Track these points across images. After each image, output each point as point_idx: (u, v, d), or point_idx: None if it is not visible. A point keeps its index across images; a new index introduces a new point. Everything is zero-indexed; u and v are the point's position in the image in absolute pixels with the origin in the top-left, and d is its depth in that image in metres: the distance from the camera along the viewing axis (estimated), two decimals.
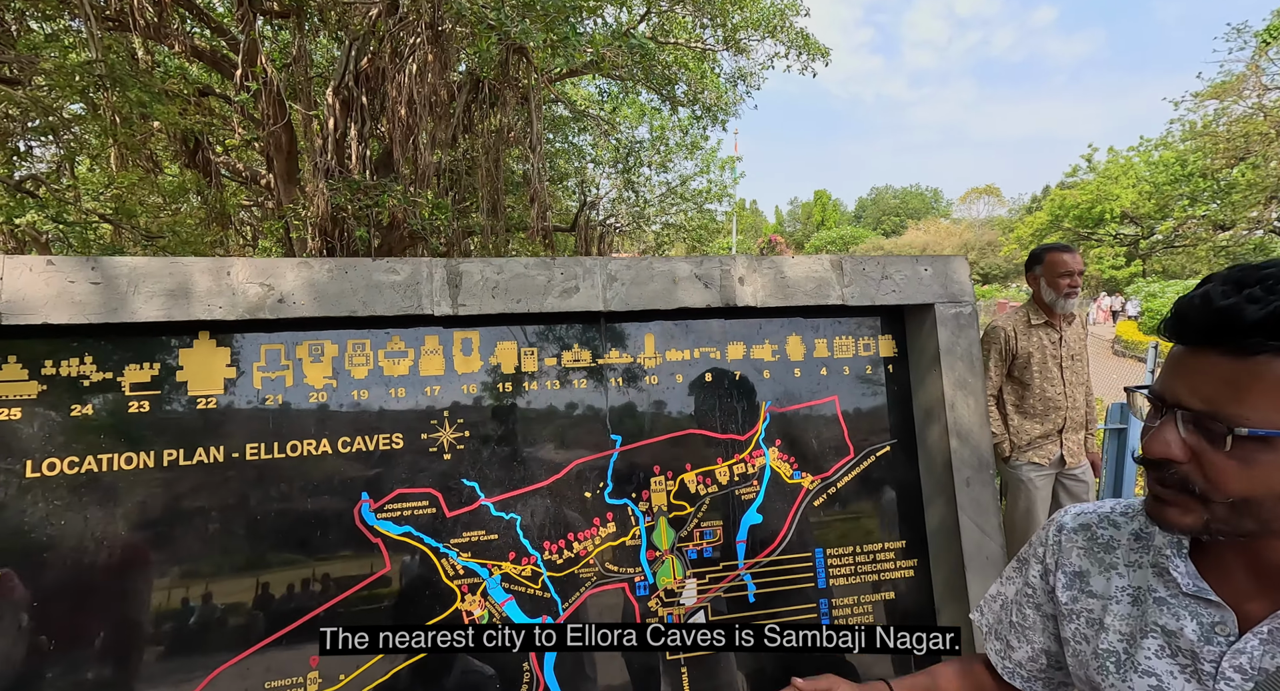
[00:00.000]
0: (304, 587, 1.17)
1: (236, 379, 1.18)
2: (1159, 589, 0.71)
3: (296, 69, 6.88)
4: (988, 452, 1.42)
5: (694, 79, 10.19)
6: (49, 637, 1.04)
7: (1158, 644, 0.70)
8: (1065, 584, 0.80)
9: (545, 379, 1.34)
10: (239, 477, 1.16)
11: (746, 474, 1.41)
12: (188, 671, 1.10)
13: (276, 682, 1.13)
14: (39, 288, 1.01)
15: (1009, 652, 0.87)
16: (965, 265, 1.49)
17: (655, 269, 1.33)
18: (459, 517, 1.26)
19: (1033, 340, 2.62)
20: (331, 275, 1.15)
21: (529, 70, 7.87)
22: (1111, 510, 0.80)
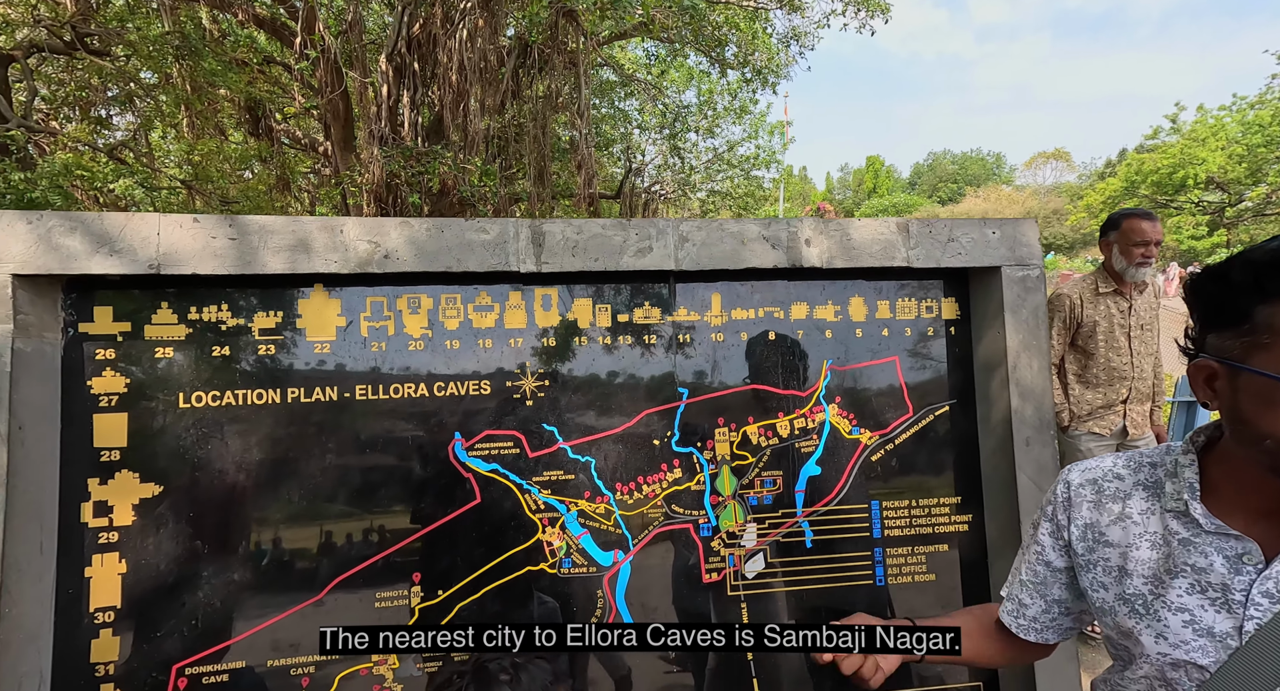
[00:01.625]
0: (407, 513, 1.31)
1: (346, 327, 1.31)
2: (1180, 531, 0.75)
3: (351, 36, 7.02)
4: (1049, 413, 1.45)
5: (745, 40, 9.87)
6: (202, 543, 1.22)
7: (1188, 582, 0.74)
8: (1079, 536, 0.84)
9: (618, 334, 1.42)
10: (351, 415, 1.30)
11: (806, 428, 1.47)
12: (311, 581, 1.27)
13: (385, 594, 1.29)
14: (187, 242, 1.15)
15: (1022, 611, 0.92)
16: (1034, 227, 1.48)
17: (726, 230, 1.38)
18: (540, 458, 1.37)
19: (1099, 308, 2.55)
20: (429, 233, 1.26)
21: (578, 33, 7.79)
22: (1114, 464, 0.84)
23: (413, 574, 1.31)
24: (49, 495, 1.14)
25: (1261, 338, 0.65)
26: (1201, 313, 0.72)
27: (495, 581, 1.34)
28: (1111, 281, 2.56)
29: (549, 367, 1.39)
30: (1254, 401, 0.66)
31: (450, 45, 7.17)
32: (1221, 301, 0.69)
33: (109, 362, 1.20)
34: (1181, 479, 0.76)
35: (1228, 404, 0.70)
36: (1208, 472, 0.76)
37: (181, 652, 1.20)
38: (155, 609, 1.20)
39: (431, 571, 1.32)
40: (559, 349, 1.40)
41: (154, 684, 1.18)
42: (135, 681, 1.18)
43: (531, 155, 8.74)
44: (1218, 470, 0.75)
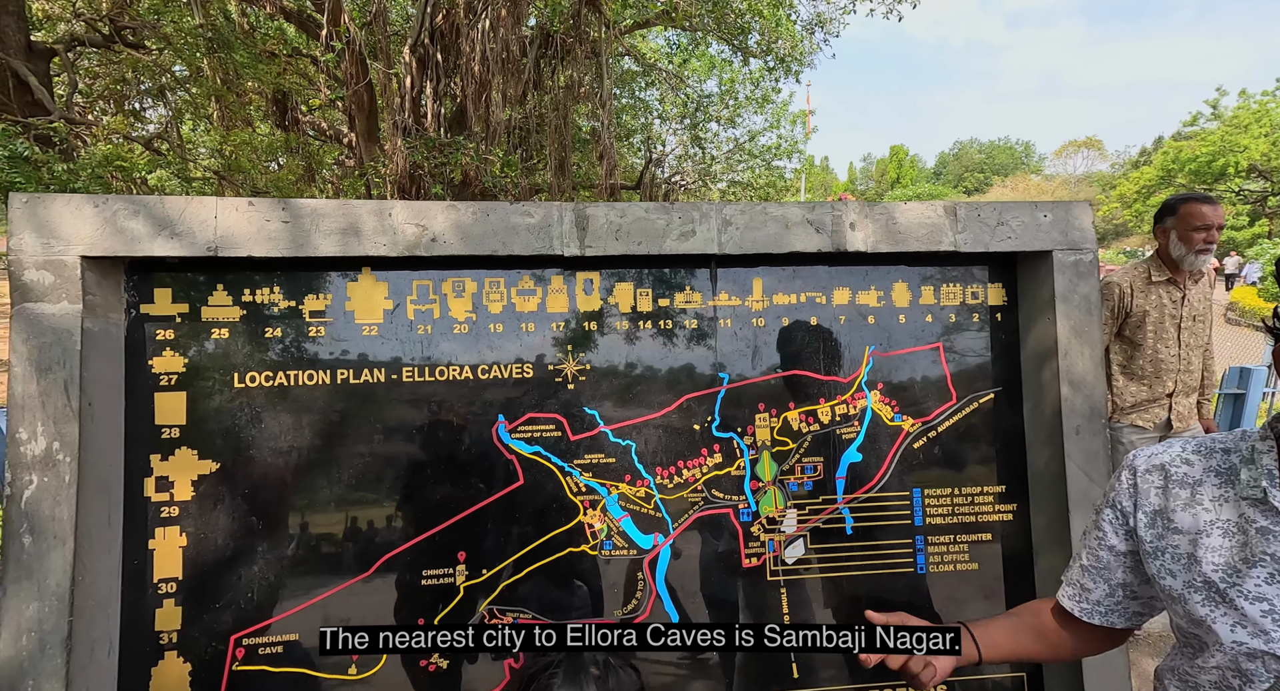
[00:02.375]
0: (452, 492, 1.33)
1: (393, 310, 1.33)
2: (1258, 519, 0.73)
3: (376, 27, 7.07)
4: (1101, 403, 1.41)
5: (768, 27, 9.72)
6: (257, 519, 1.25)
7: (1267, 571, 0.71)
8: (1147, 523, 0.82)
9: (659, 318, 1.42)
10: (397, 396, 1.33)
11: (848, 414, 1.46)
12: (361, 558, 1.30)
13: (431, 571, 1.32)
14: (243, 225, 1.17)
15: (1085, 595, 0.90)
16: (1088, 211, 1.45)
17: (769, 213, 1.37)
18: (581, 441, 1.38)
19: (1150, 298, 2.46)
20: (475, 217, 1.27)
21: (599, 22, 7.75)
22: (1183, 449, 0.82)
23: (458, 552, 1.33)
24: (115, 469, 1.18)
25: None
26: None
27: (538, 561, 1.35)
28: (1165, 270, 2.47)
29: (590, 351, 1.40)
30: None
31: (473, 35, 7.18)
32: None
33: (168, 343, 1.23)
34: (1260, 465, 0.73)
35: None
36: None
37: (239, 623, 1.24)
38: (214, 581, 1.24)
39: (476, 550, 1.34)
40: (601, 333, 1.41)
41: (214, 652, 1.22)
42: (196, 649, 1.22)
43: (552, 145, 8.74)
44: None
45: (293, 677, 1.25)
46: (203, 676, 1.22)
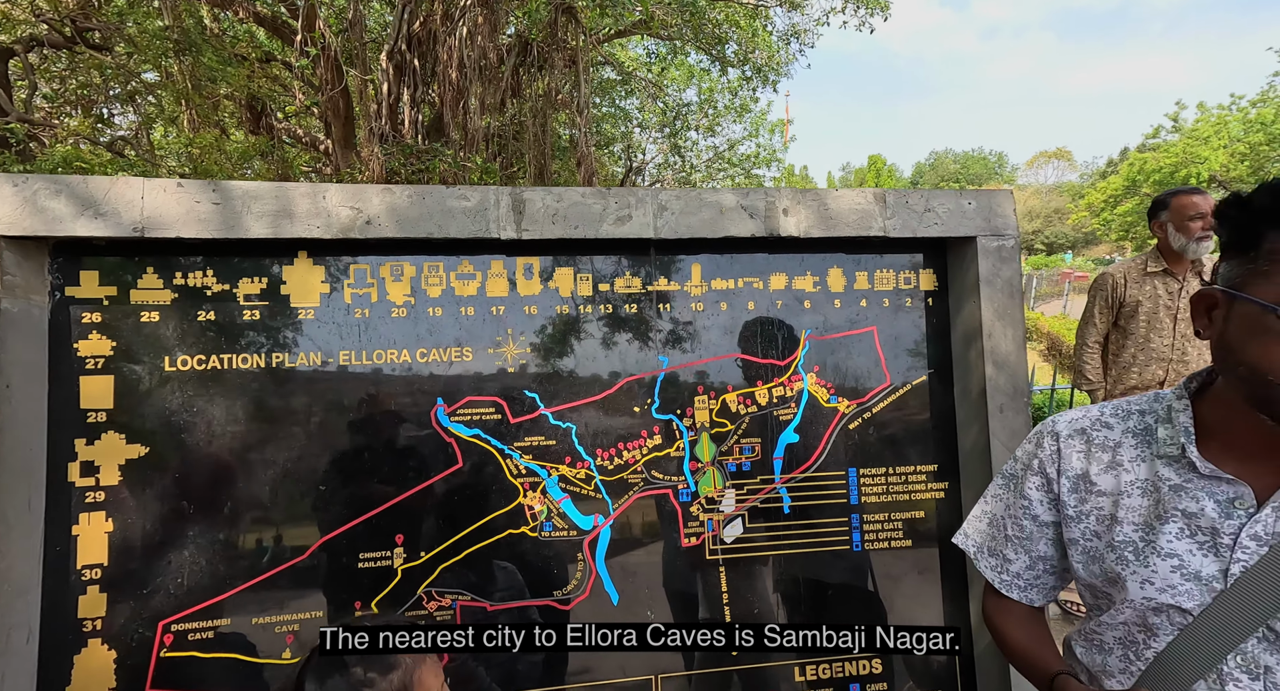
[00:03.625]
0: (391, 475, 1.34)
1: (330, 294, 1.34)
2: (1171, 477, 0.74)
3: (352, 34, 7.06)
4: (1023, 381, 1.46)
5: (745, 38, 9.87)
6: (189, 503, 1.25)
7: (1178, 527, 0.73)
8: (1070, 488, 0.82)
9: (599, 303, 1.45)
10: (335, 380, 1.33)
11: (785, 396, 1.49)
12: (297, 541, 1.29)
13: (368, 554, 1.32)
14: (171, 207, 1.18)
15: (1005, 566, 0.89)
16: (1010, 198, 1.50)
17: (704, 199, 1.41)
18: (521, 424, 1.40)
19: (1144, 289, 2.54)
20: (411, 200, 1.28)
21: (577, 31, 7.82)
22: (1101, 413, 0.83)
23: (395, 535, 1.33)
24: (37, 454, 1.17)
25: (1262, 265, 0.65)
26: (1223, 241, 0.71)
27: (477, 544, 1.36)
28: (1162, 261, 2.52)
29: (531, 335, 1.42)
30: (1240, 328, 0.66)
31: (450, 43, 7.20)
32: (1239, 228, 0.67)
33: (95, 326, 1.22)
34: (1176, 423, 0.75)
35: (1217, 332, 0.69)
36: (1200, 417, 0.74)
37: (168, 609, 1.23)
38: (142, 567, 1.22)
39: (414, 533, 1.34)
40: (541, 316, 1.42)
41: (141, 639, 1.21)
42: (122, 636, 1.20)
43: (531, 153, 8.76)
44: (1210, 414, 0.74)
45: (225, 663, 1.24)
46: (129, 664, 1.20)
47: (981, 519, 0.94)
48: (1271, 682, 0.66)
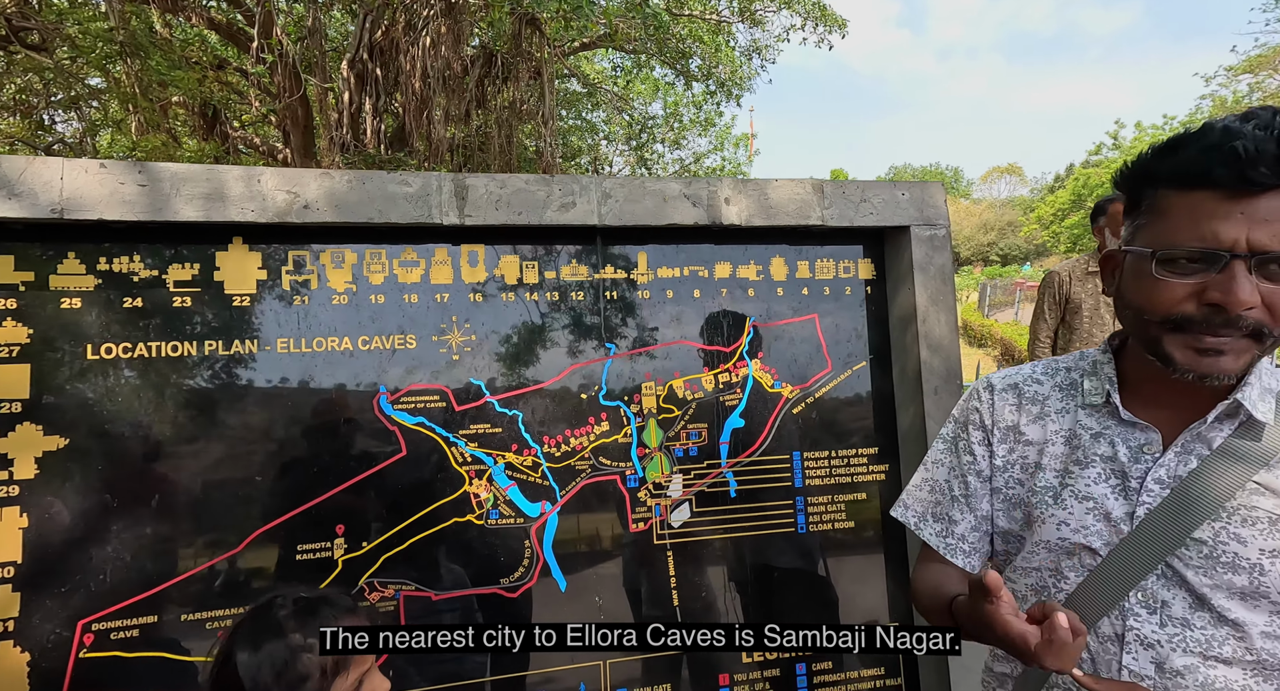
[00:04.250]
0: (331, 465, 1.31)
1: (267, 281, 1.31)
2: (1093, 425, 0.78)
3: (311, 42, 6.96)
4: (956, 363, 1.52)
5: (708, 52, 10.07)
6: (112, 497, 1.20)
7: (1096, 471, 0.76)
8: (1000, 438, 0.85)
9: (545, 290, 1.45)
10: (272, 367, 1.30)
11: (731, 382, 1.52)
12: (230, 533, 1.25)
13: (307, 546, 1.28)
14: (94, 188, 1.15)
15: (951, 529, 0.87)
16: (941, 190, 1.57)
17: (647, 187, 1.43)
18: (467, 411, 1.39)
19: (1087, 287, 2.70)
20: (350, 185, 1.27)
21: (541, 42, 7.87)
22: (1033, 370, 0.87)
23: (336, 526, 1.30)
24: None
25: (1143, 220, 0.70)
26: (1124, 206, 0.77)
27: (422, 533, 1.34)
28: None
29: (476, 322, 1.41)
30: (1128, 278, 0.71)
31: (413, 53, 7.16)
32: (1130, 191, 0.73)
33: (10, 312, 1.17)
34: (1101, 374, 0.79)
35: (1115, 286, 0.74)
36: (1121, 370, 0.78)
37: (88, 608, 1.17)
38: (60, 564, 1.17)
39: (355, 523, 1.31)
40: (487, 304, 1.42)
41: (58, 640, 1.15)
42: (37, 637, 1.14)
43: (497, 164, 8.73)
44: (1127, 367, 0.78)
45: (149, 663, 1.19)
46: (44, 666, 1.14)
47: (922, 487, 0.92)
48: (1167, 615, 0.70)
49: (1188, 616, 0.69)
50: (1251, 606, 0.68)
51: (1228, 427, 0.71)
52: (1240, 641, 0.68)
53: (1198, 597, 0.69)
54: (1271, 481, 0.68)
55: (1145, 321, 0.69)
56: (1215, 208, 0.63)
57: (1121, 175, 0.74)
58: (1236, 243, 0.62)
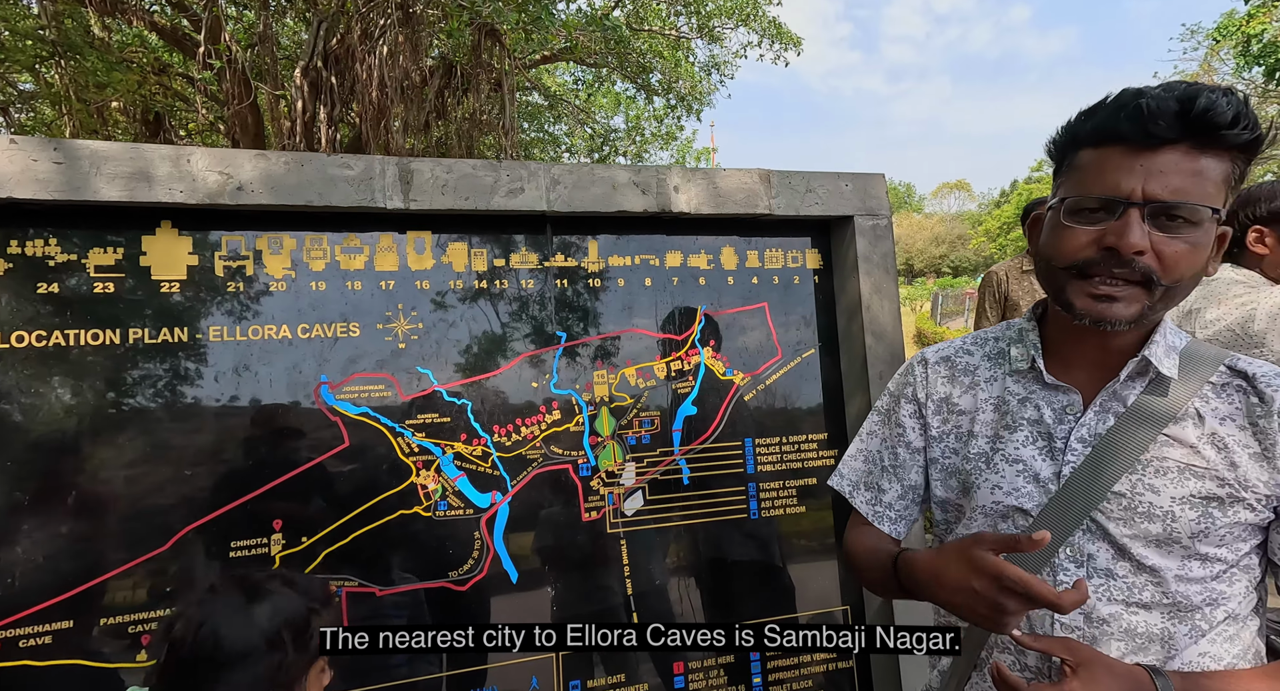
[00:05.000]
0: (268, 458, 1.26)
1: (198, 266, 1.26)
2: (1019, 390, 0.81)
3: (262, 49, 6.79)
4: (899, 350, 1.57)
5: (668, 67, 10.24)
6: (23, 494, 1.12)
7: (1024, 434, 0.78)
8: (934, 410, 0.87)
9: (495, 278, 1.44)
10: (204, 357, 1.25)
11: (683, 370, 1.53)
12: (156, 531, 1.18)
13: (241, 543, 1.22)
14: (3, 165, 1.08)
15: (879, 497, 0.90)
16: (883, 181, 1.63)
17: (596, 174, 1.44)
18: (414, 401, 1.36)
19: (1023, 285, 2.83)
20: (289, 167, 1.24)
21: (502, 54, 7.87)
22: (964, 342, 0.90)
23: (273, 521, 1.25)
24: None
25: (1063, 177, 0.74)
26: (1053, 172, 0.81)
27: (366, 526, 1.29)
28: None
29: (424, 310, 1.39)
30: (1045, 231, 0.75)
31: (370, 62, 7.06)
32: (1056, 158, 0.76)
33: None
34: (1026, 341, 0.81)
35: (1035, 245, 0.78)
36: (1045, 336, 0.81)
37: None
38: None
39: (295, 518, 1.26)
40: (434, 292, 1.40)
41: None
42: None
43: None
44: (1050, 333, 0.81)
45: (63, 671, 1.11)
46: None
47: (856, 457, 0.95)
48: (1093, 567, 0.73)
49: (1111, 567, 0.72)
50: (1166, 552, 0.71)
51: (1139, 385, 0.74)
52: (1158, 586, 0.71)
53: (1119, 548, 0.72)
54: (1179, 433, 0.72)
55: (1053, 270, 0.73)
56: (1120, 161, 0.67)
57: (1051, 142, 0.77)
58: (1133, 192, 0.66)
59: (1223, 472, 0.70)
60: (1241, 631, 0.73)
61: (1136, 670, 0.66)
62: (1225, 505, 0.69)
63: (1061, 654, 0.66)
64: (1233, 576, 0.72)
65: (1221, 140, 0.65)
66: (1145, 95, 0.66)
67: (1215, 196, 0.66)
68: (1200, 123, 0.64)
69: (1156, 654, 0.71)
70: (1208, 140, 0.65)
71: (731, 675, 1.46)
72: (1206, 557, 0.70)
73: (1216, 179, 0.66)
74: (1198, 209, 0.65)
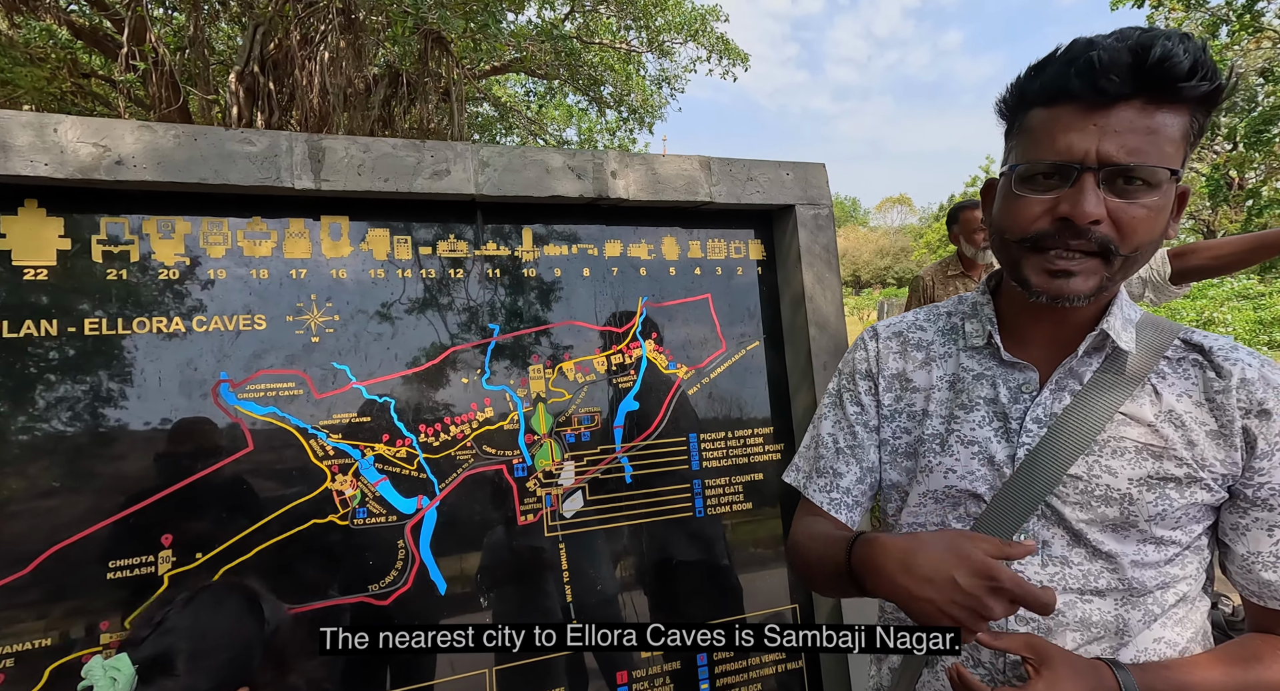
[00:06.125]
0: (155, 465, 1.12)
1: (71, 251, 1.12)
2: (974, 367, 0.76)
3: (193, 52, 6.46)
4: (842, 340, 1.55)
5: (619, 80, 10.31)
6: None
7: (980, 414, 0.73)
8: (885, 386, 0.81)
9: (420, 267, 1.35)
10: (78, 353, 1.10)
11: (624, 364, 1.47)
12: (12, 553, 1.03)
13: (121, 562, 1.08)
14: None
15: (836, 483, 0.83)
16: (823, 171, 1.62)
17: (528, 157, 1.37)
18: (328, 399, 1.24)
19: (949, 288, 2.86)
20: (179, 141, 1.12)
21: (450, 63, 7.73)
22: (916, 317, 0.84)
23: (162, 536, 1.11)
24: None
25: (1014, 140, 0.68)
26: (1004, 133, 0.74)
27: (273, 538, 1.17)
28: (960, 265, 2.88)
29: (340, 301, 1.28)
30: (998, 201, 0.70)
31: (310, 67, 6.81)
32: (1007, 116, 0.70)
33: None
34: (981, 316, 0.77)
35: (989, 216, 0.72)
36: (999, 311, 0.77)
37: None
38: None
39: (187, 532, 1.12)
40: (351, 282, 1.29)
41: None
42: None
43: None
44: (1005, 308, 0.76)
45: None
46: None
47: (810, 447, 0.88)
48: (1048, 554, 0.69)
49: (1066, 554, 0.68)
50: (1122, 537, 0.67)
51: (1096, 361, 0.70)
52: (1114, 573, 0.67)
53: (1074, 534, 0.68)
54: (1135, 411, 0.68)
55: (1007, 243, 0.68)
56: (1072, 121, 0.62)
57: (1001, 100, 0.71)
58: (1087, 154, 0.61)
59: (1180, 451, 0.66)
60: (1191, 613, 0.70)
61: (1099, 665, 0.62)
62: (1183, 486, 0.66)
63: (1023, 652, 0.61)
64: (1185, 559, 0.69)
65: (1178, 93, 0.59)
66: (1097, 46, 0.60)
67: (1174, 156, 0.61)
68: (1156, 75, 0.59)
69: (1110, 642, 0.67)
70: (1164, 94, 0.59)
71: (679, 681, 1.39)
72: (1161, 541, 0.67)
73: (1175, 136, 0.61)
74: (1156, 170, 0.60)
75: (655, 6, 9.95)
